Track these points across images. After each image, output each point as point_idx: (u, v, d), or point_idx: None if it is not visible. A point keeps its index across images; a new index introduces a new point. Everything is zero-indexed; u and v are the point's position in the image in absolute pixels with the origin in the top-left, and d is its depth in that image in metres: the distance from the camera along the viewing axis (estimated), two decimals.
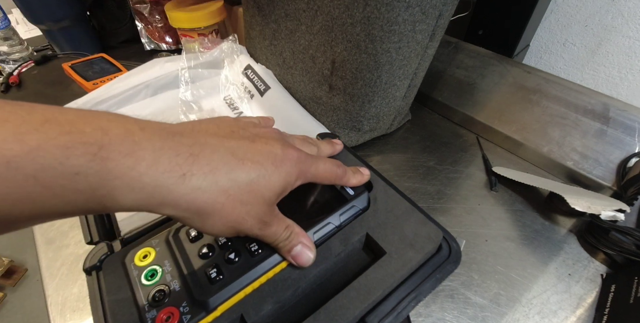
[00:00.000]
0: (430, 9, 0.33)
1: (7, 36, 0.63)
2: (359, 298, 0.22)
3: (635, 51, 0.52)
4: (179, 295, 0.22)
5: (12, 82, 0.51)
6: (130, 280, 0.23)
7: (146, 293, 0.22)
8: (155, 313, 0.21)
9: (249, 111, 0.43)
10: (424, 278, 0.23)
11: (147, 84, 0.40)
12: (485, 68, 0.49)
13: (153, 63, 0.42)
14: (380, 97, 0.40)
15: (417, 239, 0.24)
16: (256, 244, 0.24)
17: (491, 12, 0.52)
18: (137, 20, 0.66)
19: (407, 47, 0.35)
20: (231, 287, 0.21)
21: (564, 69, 0.61)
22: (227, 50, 0.45)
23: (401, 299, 0.22)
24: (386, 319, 0.21)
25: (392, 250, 0.24)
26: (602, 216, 0.33)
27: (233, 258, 0.23)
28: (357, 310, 0.21)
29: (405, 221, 0.26)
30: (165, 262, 0.23)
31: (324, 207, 0.26)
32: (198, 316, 0.21)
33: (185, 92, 0.42)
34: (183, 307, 0.21)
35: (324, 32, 0.38)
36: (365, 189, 0.27)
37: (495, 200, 0.40)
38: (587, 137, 0.41)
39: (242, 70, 0.45)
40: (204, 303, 0.21)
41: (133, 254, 0.24)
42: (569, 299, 0.32)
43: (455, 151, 0.47)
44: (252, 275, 0.22)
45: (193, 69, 0.43)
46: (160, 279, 0.23)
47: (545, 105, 0.44)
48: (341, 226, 0.25)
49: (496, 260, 0.35)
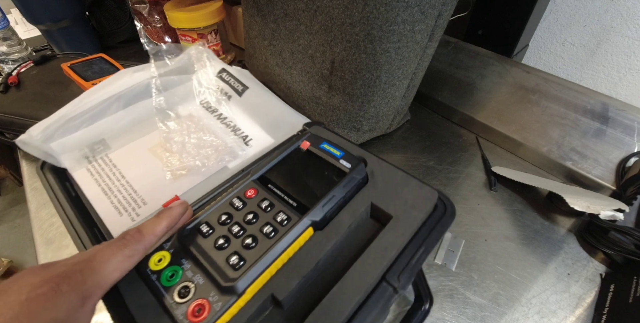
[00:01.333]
0: (430, 9, 0.33)
1: (6, 36, 0.63)
2: (377, 260, 0.24)
3: (634, 51, 0.52)
4: (204, 287, 0.22)
5: (11, 82, 0.51)
6: (150, 285, 0.23)
7: (171, 293, 0.22)
8: (185, 308, 0.22)
9: (229, 112, 0.43)
10: (428, 233, 0.26)
11: (117, 96, 0.39)
12: (485, 68, 0.49)
13: (121, 74, 0.41)
14: (379, 97, 0.40)
15: (417, 201, 0.27)
16: (270, 226, 0.25)
17: (490, 12, 0.52)
18: (136, 20, 0.66)
19: (407, 47, 0.35)
20: (255, 270, 0.22)
21: (563, 68, 0.61)
22: (195, 54, 0.45)
23: (413, 254, 0.25)
24: (403, 274, 0.24)
25: (398, 214, 0.26)
26: (601, 216, 0.33)
27: (250, 243, 0.24)
28: (377, 271, 0.23)
29: (403, 187, 0.28)
30: (182, 261, 0.24)
31: (325, 183, 0.28)
32: (229, 302, 0.21)
33: (159, 101, 0.41)
34: (212, 297, 0.22)
35: (323, 32, 0.38)
36: (360, 161, 0.29)
37: (495, 200, 0.40)
38: (587, 136, 0.41)
39: (216, 74, 0.45)
40: (232, 289, 0.22)
41: (147, 260, 0.24)
42: (568, 299, 0.32)
43: (454, 151, 0.47)
44: (273, 255, 0.23)
45: (164, 76, 0.42)
46: (182, 277, 0.23)
47: (545, 105, 0.44)
48: (346, 197, 0.27)
49: (495, 260, 0.35)
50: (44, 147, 0.34)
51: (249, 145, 0.40)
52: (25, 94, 0.50)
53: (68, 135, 0.36)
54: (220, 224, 0.26)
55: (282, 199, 0.27)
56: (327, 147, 0.31)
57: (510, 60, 0.48)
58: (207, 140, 0.39)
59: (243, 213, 0.26)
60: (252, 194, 0.28)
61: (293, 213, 0.26)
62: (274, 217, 0.26)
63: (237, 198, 0.27)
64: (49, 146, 0.34)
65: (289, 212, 0.26)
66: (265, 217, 0.26)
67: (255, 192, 0.28)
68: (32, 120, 0.46)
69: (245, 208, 0.27)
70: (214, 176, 0.36)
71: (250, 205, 0.27)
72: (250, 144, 0.40)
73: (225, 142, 0.40)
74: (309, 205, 0.26)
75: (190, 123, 0.41)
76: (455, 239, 0.36)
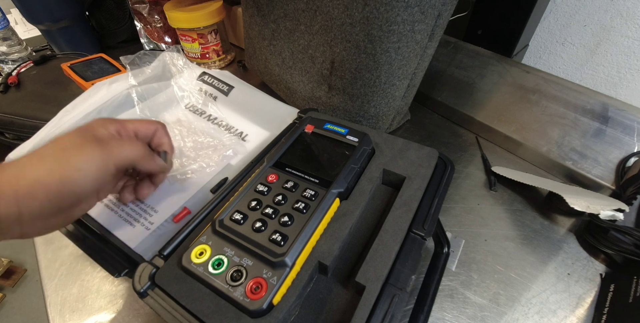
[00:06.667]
0: (429, 9, 0.33)
1: (6, 36, 0.63)
2: (404, 213, 0.28)
3: (634, 51, 0.52)
4: (255, 267, 0.24)
5: (11, 82, 0.51)
6: (198, 277, 0.24)
7: (222, 279, 0.24)
8: (242, 289, 0.23)
9: (217, 112, 0.43)
10: (437, 185, 0.30)
11: (99, 109, 0.38)
12: (485, 68, 0.49)
13: (97, 87, 0.40)
14: (379, 97, 0.40)
15: (422, 160, 0.31)
16: (302, 203, 0.27)
17: (490, 11, 0.52)
18: (136, 20, 0.66)
19: (406, 47, 0.35)
20: (299, 242, 0.25)
21: (563, 68, 0.61)
22: (170, 60, 0.45)
23: (430, 204, 0.28)
24: (426, 223, 0.27)
25: (409, 173, 0.30)
26: (601, 216, 0.33)
27: (287, 221, 0.26)
28: (405, 223, 0.27)
29: (407, 151, 0.32)
30: (225, 249, 0.25)
31: (339, 158, 0.31)
32: (283, 274, 0.23)
33: (144, 109, 0.41)
34: (266, 274, 0.24)
35: (323, 32, 0.38)
36: (365, 134, 0.32)
37: (495, 199, 0.40)
38: (586, 136, 0.41)
39: (196, 78, 0.45)
40: (282, 263, 0.24)
41: (188, 256, 0.25)
42: (568, 299, 0.32)
43: (454, 151, 0.47)
44: (312, 227, 0.26)
45: (143, 85, 0.42)
46: (230, 263, 0.25)
47: (545, 104, 0.44)
48: (362, 167, 0.31)
49: (495, 259, 0.35)
50: None
51: (246, 140, 0.40)
52: (25, 94, 0.50)
53: None
54: (251, 210, 0.27)
55: (303, 179, 0.29)
56: (331, 127, 0.34)
57: (510, 60, 0.48)
58: (203, 141, 0.39)
59: (271, 196, 0.28)
60: (273, 179, 0.30)
61: (318, 188, 0.28)
62: (302, 194, 0.28)
63: (260, 184, 0.29)
64: None
65: (315, 188, 0.28)
66: (294, 195, 0.28)
67: (276, 176, 0.30)
68: (32, 120, 0.46)
69: (272, 191, 0.29)
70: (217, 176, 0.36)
71: (275, 188, 0.29)
72: (247, 139, 0.40)
73: (222, 141, 0.40)
74: (330, 179, 0.29)
75: (181, 128, 0.41)
76: (455, 239, 0.36)
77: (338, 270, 0.27)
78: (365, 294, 0.23)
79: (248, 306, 0.22)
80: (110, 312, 0.32)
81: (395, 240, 0.26)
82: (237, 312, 0.23)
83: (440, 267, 0.30)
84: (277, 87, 0.52)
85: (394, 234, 0.26)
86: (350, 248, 0.28)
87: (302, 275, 0.24)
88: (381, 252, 0.25)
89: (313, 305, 0.25)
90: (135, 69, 0.43)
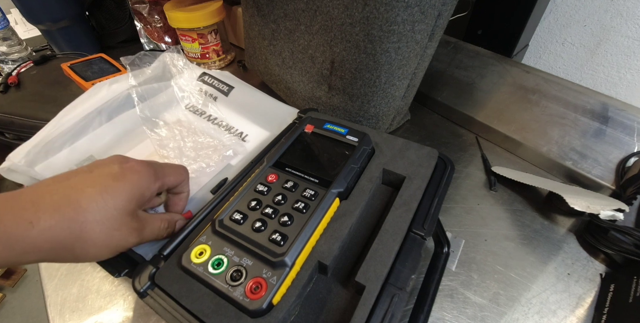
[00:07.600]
0: (429, 9, 0.33)
1: (6, 36, 0.63)
2: (403, 214, 0.27)
3: (634, 51, 0.52)
4: (255, 267, 0.24)
5: (11, 82, 0.51)
6: (198, 277, 0.24)
7: (222, 279, 0.24)
8: (242, 289, 0.23)
9: (217, 112, 0.43)
10: (437, 186, 0.30)
11: (99, 110, 0.38)
12: (485, 68, 0.49)
13: (97, 88, 0.40)
14: (379, 97, 0.40)
15: (422, 160, 0.31)
16: (301, 202, 0.27)
17: (490, 11, 0.52)
18: (136, 20, 0.66)
19: (406, 47, 0.35)
20: (299, 242, 0.25)
21: (563, 68, 0.61)
22: (170, 61, 0.45)
23: (430, 204, 0.28)
24: (426, 223, 0.27)
25: (409, 173, 0.30)
26: (601, 216, 0.33)
27: (287, 221, 0.26)
28: (405, 223, 0.27)
29: (407, 151, 0.32)
30: (225, 249, 0.25)
31: (338, 158, 0.31)
32: (283, 274, 0.23)
33: (144, 110, 0.41)
34: (265, 274, 0.24)
35: (323, 32, 0.38)
36: (365, 134, 0.32)
37: (495, 199, 0.40)
38: (586, 136, 0.41)
39: (197, 78, 0.45)
40: (282, 263, 0.24)
41: (188, 256, 0.25)
42: (568, 299, 0.32)
43: (454, 151, 0.47)
44: (311, 227, 0.26)
45: (143, 85, 0.42)
46: (229, 263, 0.24)
47: (545, 104, 0.44)
48: (361, 167, 0.31)
49: (495, 259, 0.35)
50: (30, 172, 0.33)
51: (246, 140, 0.40)
52: (25, 94, 0.50)
53: (52, 157, 0.35)
54: (251, 210, 0.27)
55: (303, 178, 0.29)
56: (330, 127, 0.34)
57: (510, 60, 0.48)
58: (203, 142, 0.39)
59: (271, 196, 0.28)
60: (273, 179, 0.29)
61: (318, 188, 0.28)
62: (302, 194, 0.28)
63: (260, 184, 0.29)
64: (34, 170, 0.33)
65: (315, 188, 0.28)
66: (293, 195, 0.28)
67: (276, 176, 0.30)
68: (32, 120, 0.46)
69: (272, 191, 0.29)
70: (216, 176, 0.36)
71: (275, 188, 0.29)
72: (247, 140, 0.40)
73: (222, 141, 0.40)
74: (330, 179, 0.29)
75: (181, 128, 0.41)
76: (455, 239, 0.36)
77: (338, 270, 0.27)
78: (365, 294, 0.23)
79: (248, 306, 0.22)
80: (110, 312, 0.32)
81: (395, 240, 0.26)
82: (237, 311, 0.23)
83: (440, 267, 0.30)
84: (277, 87, 0.52)
85: (393, 234, 0.26)
86: (350, 248, 0.28)
87: (301, 274, 0.24)
88: (381, 251, 0.25)
89: (313, 304, 0.25)
90: (136, 69, 0.43)
